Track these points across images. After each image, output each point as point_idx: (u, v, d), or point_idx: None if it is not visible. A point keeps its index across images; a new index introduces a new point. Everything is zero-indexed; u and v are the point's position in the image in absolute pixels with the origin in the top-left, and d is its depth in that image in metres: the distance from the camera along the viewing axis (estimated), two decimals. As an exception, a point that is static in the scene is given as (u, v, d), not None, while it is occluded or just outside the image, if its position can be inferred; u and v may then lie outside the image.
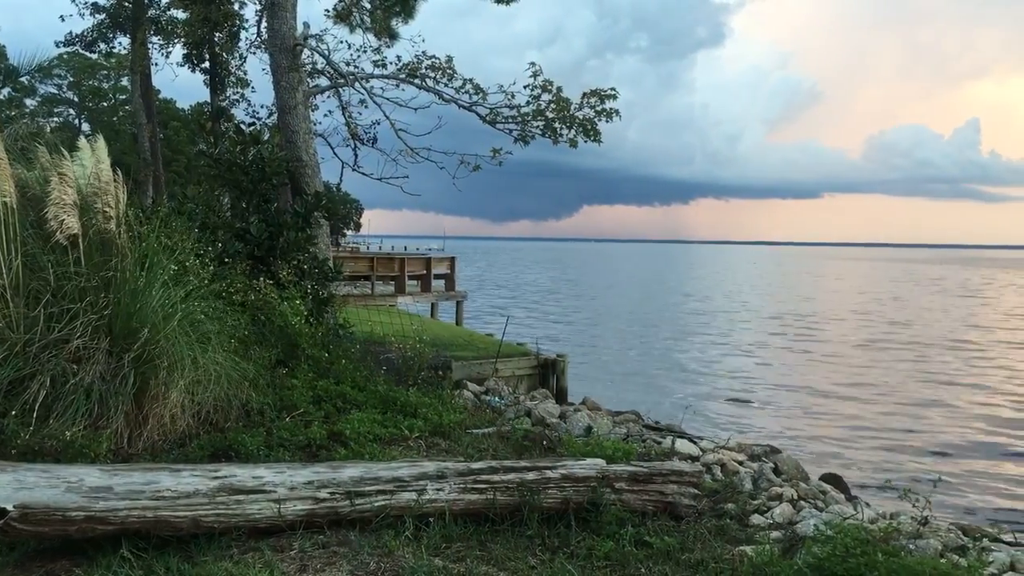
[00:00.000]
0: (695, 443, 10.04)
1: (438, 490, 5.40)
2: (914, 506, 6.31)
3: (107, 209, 7.06)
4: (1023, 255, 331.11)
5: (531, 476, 5.66)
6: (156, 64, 24.97)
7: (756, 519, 6.64)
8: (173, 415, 6.79)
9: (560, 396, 14.48)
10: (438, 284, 27.31)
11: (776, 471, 9.30)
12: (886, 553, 4.63)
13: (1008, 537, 8.32)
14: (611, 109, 13.76)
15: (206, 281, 8.23)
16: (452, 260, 28.98)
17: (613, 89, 13.77)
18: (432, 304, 26.57)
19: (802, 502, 7.73)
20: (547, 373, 14.81)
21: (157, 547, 4.61)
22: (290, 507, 4.98)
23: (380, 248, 74.90)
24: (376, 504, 5.21)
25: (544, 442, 8.11)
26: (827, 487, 9.09)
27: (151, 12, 24.46)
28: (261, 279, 9.93)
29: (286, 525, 4.95)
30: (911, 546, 5.78)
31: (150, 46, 24.56)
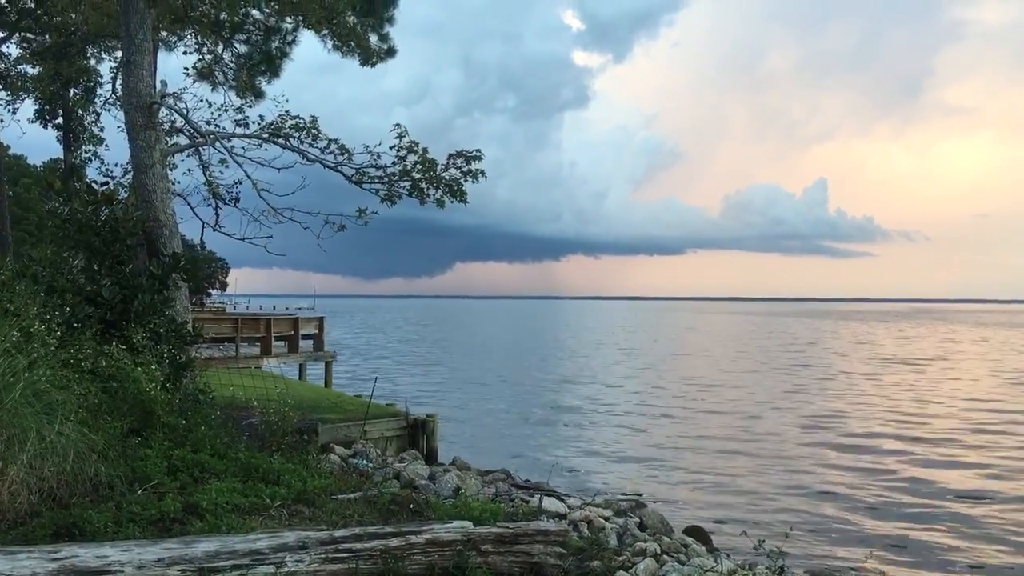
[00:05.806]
0: (563, 501, 10.12)
1: (298, 561, 5.24)
2: (768, 556, 6.54)
3: (-59, 274, 6.66)
4: (866, 307, 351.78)
5: (395, 543, 5.57)
6: (2, 121, 23.80)
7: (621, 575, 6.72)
8: (12, 492, 6.35)
9: (430, 457, 14.38)
10: (306, 345, 26.77)
11: (641, 526, 9.47)
12: (741, 604, 4.78)
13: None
14: (477, 170, 13.98)
15: (53, 348, 7.81)
16: (321, 320, 28.58)
17: (478, 151, 14.01)
18: (300, 365, 26.05)
19: (665, 556, 7.88)
20: (416, 434, 14.69)
21: (-13, 638, 4.30)
22: (137, 588, 4.73)
23: (247, 307, 72.89)
24: (231, 580, 5.01)
25: (412, 505, 8.00)
26: (689, 540, 9.30)
27: (-2, 67, 23.35)
28: (113, 344, 9.50)
29: (133, 607, 4.70)
30: (767, 595, 5.98)
31: (-4, 101, 23.38)
